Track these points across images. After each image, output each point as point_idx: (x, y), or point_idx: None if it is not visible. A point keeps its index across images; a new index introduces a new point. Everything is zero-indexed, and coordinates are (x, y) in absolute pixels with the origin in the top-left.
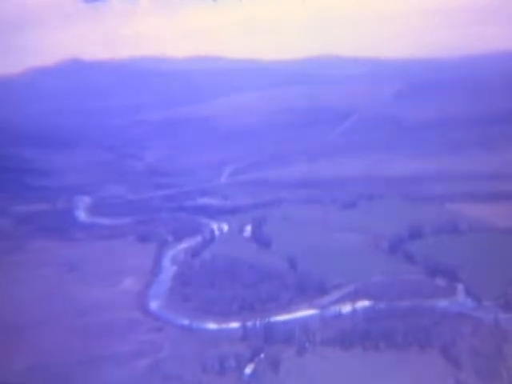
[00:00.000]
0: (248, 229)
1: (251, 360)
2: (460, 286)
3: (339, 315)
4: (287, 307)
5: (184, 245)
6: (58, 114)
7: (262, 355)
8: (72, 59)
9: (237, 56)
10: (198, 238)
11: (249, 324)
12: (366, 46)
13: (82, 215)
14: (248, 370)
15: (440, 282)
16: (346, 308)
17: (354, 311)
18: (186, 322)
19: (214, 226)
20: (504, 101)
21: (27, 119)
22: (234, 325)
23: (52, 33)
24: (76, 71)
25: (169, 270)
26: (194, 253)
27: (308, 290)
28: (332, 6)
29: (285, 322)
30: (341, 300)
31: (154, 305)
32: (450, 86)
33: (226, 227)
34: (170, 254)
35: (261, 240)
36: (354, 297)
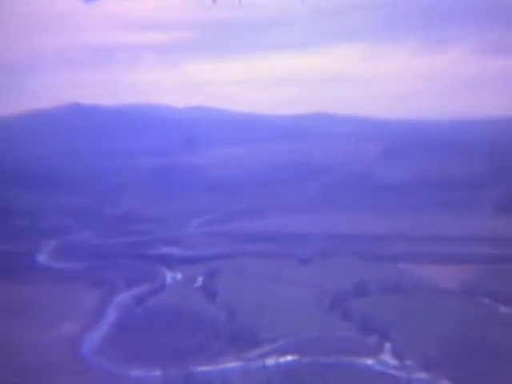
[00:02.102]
0: (200, 279)
1: None
2: (388, 345)
3: (262, 368)
4: (215, 358)
5: (133, 292)
6: (50, 156)
7: None
8: (72, 103)
9: (235, 108)
10: (148, 286)
11: (170, 373)
12: (361, 105)
13: (42, 258)
14: None
15: (370, 339)
16: (271, 361)
17: (278, 365)
18: (110, 367)
19: (168, 274)
20: (480, 166)
21: (18, 160)
22: (156, 373)
23: (54, 76)
24: (75, 115)
25: (110, 316)
26: (140, 300)
27: (240, 342)
28: (332, 65)
29: (206, 373)
30: (269, 353)
31: (85, 349)
32: (434, 148)
33: (179, 276)
34: (116, 300)
35: (209, 291)
36: (282, 351)
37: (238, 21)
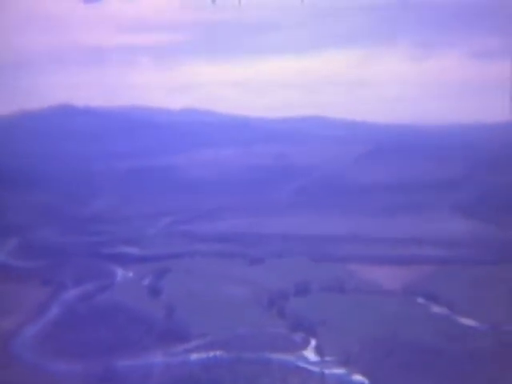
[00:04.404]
0: (149, 278)
1: None
2: (313, 342)
3: (184, 363)
4: (141, 353)
5: (80, 290)
6: (34, 157)
7: None
8: (63, 104)
9: (227, 111)
10: (96, 284)
11: (91, 367)
12: (354, 109)
13: None
14: None
15: (297, 337)
16: (194, 356)
17: (200, 360)
18: (38, 362)
19: (120, 273)
20: (458, 171)
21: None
22: (79, 367)
23: (46, 77)
24: (66, 116)
25: (51, 312)
26: (84, 297)
27: (170, 338)
28: (325, 69)
29: (127, 367)
30: (195, 349)
31: (15, 344)
32: (417, 152)
33: (130, 275)
34: (62, 297)
35: (154, 289)
36: (208, 347)
37: (231, 23)
